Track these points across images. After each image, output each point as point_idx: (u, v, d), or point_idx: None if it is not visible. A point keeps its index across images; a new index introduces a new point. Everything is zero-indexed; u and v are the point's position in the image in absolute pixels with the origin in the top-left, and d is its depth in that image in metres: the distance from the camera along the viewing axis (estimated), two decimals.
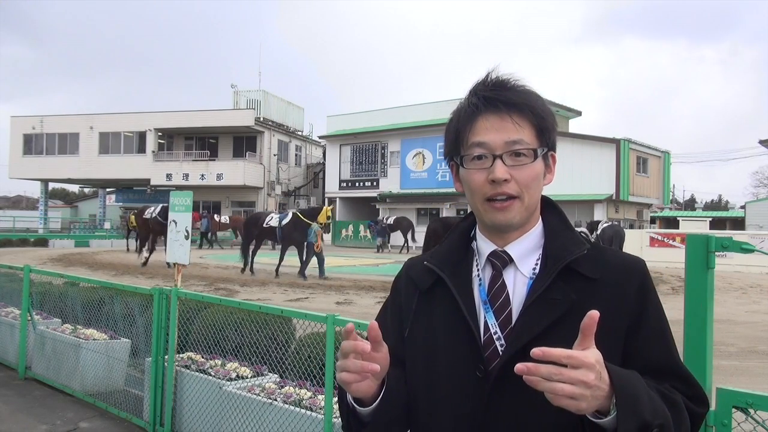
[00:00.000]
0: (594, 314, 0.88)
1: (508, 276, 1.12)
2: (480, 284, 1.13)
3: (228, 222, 30.49)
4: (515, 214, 1.09)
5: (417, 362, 1.15)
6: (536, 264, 1.11)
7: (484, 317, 1.09)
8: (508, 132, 1.08)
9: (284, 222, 14.93)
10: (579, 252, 1.09)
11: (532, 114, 1.09)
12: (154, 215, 17.40)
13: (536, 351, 0.87)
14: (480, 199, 1.10)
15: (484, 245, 1.15)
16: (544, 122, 1.11)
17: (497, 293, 1.10)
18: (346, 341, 1.01)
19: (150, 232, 18.13)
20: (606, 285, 1.06)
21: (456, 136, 1.14)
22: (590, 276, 1.07)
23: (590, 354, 0.88)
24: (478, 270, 1.15)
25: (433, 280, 1.17)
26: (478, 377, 1.06)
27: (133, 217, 23.73)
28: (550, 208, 1.19)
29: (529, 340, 1.02)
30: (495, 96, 1.09)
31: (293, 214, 15.21)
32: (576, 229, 1.19)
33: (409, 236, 29.34)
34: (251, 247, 15.97)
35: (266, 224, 15.33)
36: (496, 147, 1.07)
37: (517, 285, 1.10)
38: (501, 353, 1.05)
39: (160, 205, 17.67)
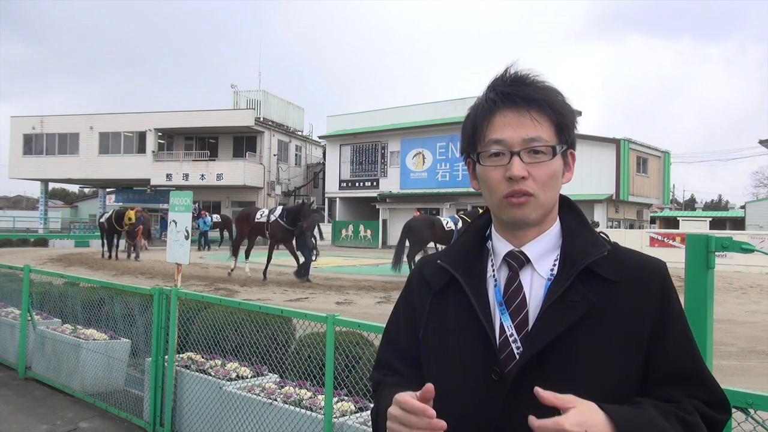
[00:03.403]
0: (543, 395, 0.89)
1: (525, 277, 1.09)
2: (495, 285, 1.10)
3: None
4: (531, 211, 1.06)
5: (431, 364, 1.12)
6: (554, 265, 1.08)
7: (500, 319, 1.06)
8: (526, 129, 1.05)
9: (459, 225, 14.48)
10: (598, 253, 1.05)
11: (551, 110, 1.07)
12: (274, 218, 14.47)
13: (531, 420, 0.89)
14: (497, 197, 1.08)
15: (500, 245, 1.12)
16: (563, 119, 1.08)
17: (513, 294, 1.07)
18: (419, 402, 0.97)
19: (260, 237, 15.49)
20: (626, 287, 1.04)
21: (473, 132, 1.11)
22: (610, 278, 1.04)
23: (564, 419, 0.87)
24: (493, 270, 1.12)
25: (447, 279, 1.14)
26: (494, 380, 1.03)
27: (133, 213, 20.61)
28: (567, 208, 1.16)
29: (547, 343, 1.00)
30: (513, 91, 1.07)
31: (462, 218, 14.73)
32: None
33: (316, 233, 30.10)
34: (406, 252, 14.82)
35: (447, 227, 14.72)
36: (513, 144, 1.05)
37: (534, 286, 1.07)
38: (517, 356, 1.03)
39: (279, 207, 15.27)
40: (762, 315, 10.77)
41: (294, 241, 14.26)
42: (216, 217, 30.05)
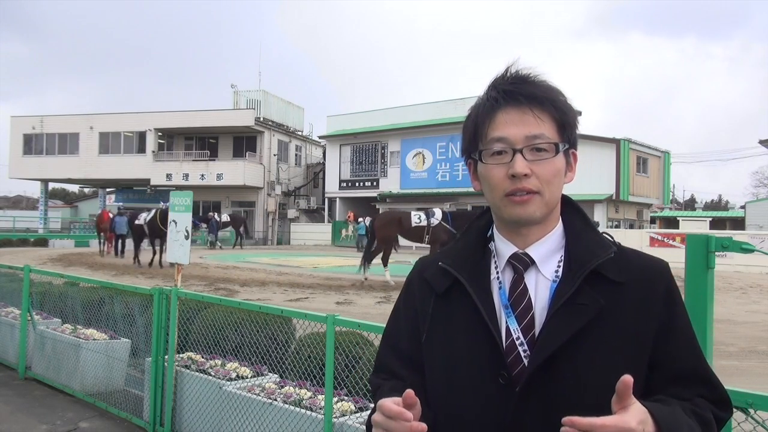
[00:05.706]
0: (628, 379, 0.85)
1: (530, 279, 1.07)
2: (500, 287, 1.09)
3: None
4: (535, 209, 1.05)
5: (436, 369, 1.11)
6: (558, 266, 1.07)
7: (506, 322, 1.05)
8: (528, 126, 1.04)
9: None
10: (606, 255, 1.05)
11: (553, 108, 1.06)
12: (436, 221, 13.83)
13: (566, 420, 0.85)
14: (499, 195, 1.06)
15: (504, 246, 1.11)
16: (565, 117, 1.07)
17: (519, 297, 1.06)
18: (396, 406, 0.94)
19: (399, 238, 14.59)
20: (632, 288, 1.03)
21: (474, 131, 1.10)
22: (616, 279, 1.04)
23: (630, 417, 0.85)
24: (497, 272, 1.10)
25: (450, 282, 1.12)
26: (501, 384, 1.02)
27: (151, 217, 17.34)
28: (570, 208, 1.15)
29: (557, 347, 0.99)
30: (515, 89, 1.06)
31: None
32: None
33: (242, 231, 32.00)
34: None
35: None
36: (516, 141, 1.04)
37: (539, 288, 1.06)
38: (525, 359, 1.02)
39: (438, 210, 14.39)
40: (762, 315, 10.78)
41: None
42: None
